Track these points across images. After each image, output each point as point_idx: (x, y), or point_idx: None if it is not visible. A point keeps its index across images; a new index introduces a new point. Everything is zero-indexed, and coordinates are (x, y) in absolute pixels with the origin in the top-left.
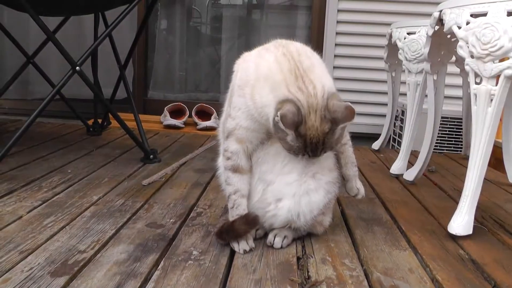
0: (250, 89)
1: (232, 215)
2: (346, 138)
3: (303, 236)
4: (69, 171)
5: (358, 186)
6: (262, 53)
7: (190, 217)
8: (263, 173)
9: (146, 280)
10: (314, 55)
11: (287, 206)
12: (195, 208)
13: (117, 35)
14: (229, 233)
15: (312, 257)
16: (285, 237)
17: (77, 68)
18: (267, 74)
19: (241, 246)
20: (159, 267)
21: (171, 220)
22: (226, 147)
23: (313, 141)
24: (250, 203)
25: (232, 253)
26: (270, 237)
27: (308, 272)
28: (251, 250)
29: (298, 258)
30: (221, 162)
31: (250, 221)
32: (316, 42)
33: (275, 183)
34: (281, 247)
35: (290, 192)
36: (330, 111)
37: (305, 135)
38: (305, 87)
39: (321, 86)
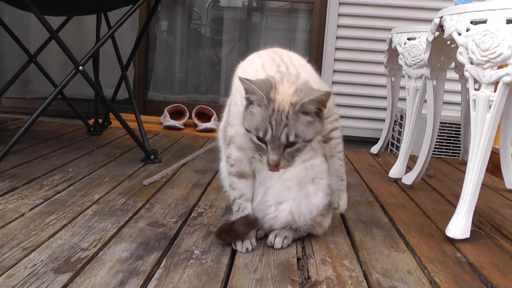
0: (240, 96)
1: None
2: (335, 150)
3: (303, 237)
4: (70, 170)
5: (340, 203)
6: (252, 59)
7: (191, 217)
8: (263, 179)
9: (148, 278)
10: (307, 65)
11: (287, 209)
12: (196, 208)
13: (118, 36)
14: (228, 233)
15: (312, 257)
16: (285, 237)
17: (80, 68)
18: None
19: (244, 245)
20: (161, 265)
21: (173, 220)
22: (229, 154)
23: (279, 110)
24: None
25: (233, 252)
26: (271, 237)
27: (308, 272)
28: (253, 249)
29: (298, 259)
30: (223, 167)
31: (250, 223)
32: (316, 46)
33: (275, 187)
34: (282, 248)
35: (291, 196)
36: (306, 90)
37: (274, 101)
38: (288, 73)
39: (306, 77)
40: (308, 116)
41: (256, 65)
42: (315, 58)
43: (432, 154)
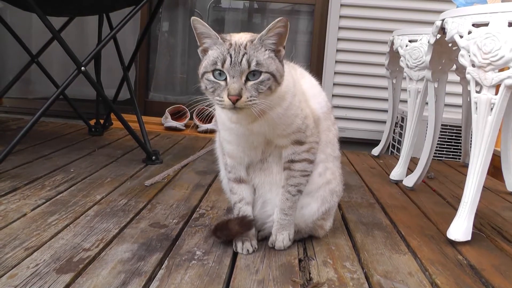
0: None
1: None
2: (289, 182)
3: (304, 239)
4: (72, 170)
5: (278, 237)
6: None
7: (192, 218)
8: (262, 193)
9: (150, 279)
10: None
11: None
12: (197, 209)
13: (119, 37)
14: (223, 231)
15: (313, 259)
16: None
17: (83, 68)
18: None
19: (244, 246)
20: (163, 266)
21: (174, 221)
22: (225, 162)
23: (237, 44)
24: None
25: (235, 254)
26: (272, 238)
27: (309, 273)
28: (254, 251)
29: (300, 260)
30: (223, 174)
31: (244, 224)
32: (317, 47)
33: (274, 200)
34: (284, 249)
35: None
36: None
37: (230, 40)
38: None
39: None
40: (268, 51)
41: None
42: (316, 60)
43: (433, 156)
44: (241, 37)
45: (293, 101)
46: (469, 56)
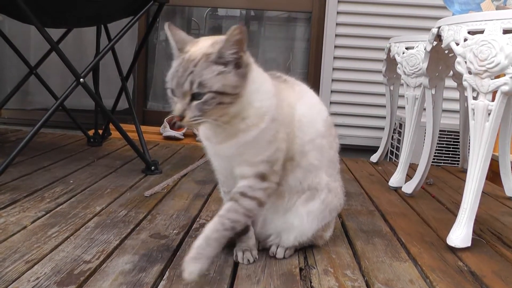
0: None
1: None
2: (227, 215)
3: (305, 248)
4: (71, 181)
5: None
6: None
7: (193, 228)
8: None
9: None
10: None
11: (292, 236)
12: (197, 219)
13: (117, 46)
14: None
15: (314, 268)
16: (287, 248)
17: (81, 80)
18: None
19: (245, 256)
20: (165, 277)
21: (175, 231)
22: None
23: (189, 59)
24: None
25: (236, 264)
26: (273, 248)
27: (311, 282)
28: (254, 261)
29: (301, 269)
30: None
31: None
32: (315, 54)
33: (274, 219)
34: (284, 257)
35: (290, 227)
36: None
37: (187, 52)
38: None
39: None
40: (221, 66)
41: None
42: (314, 67)
43: (432, 162)
44: (198, 49)
45: (271, 125)
46: (466, 63)
